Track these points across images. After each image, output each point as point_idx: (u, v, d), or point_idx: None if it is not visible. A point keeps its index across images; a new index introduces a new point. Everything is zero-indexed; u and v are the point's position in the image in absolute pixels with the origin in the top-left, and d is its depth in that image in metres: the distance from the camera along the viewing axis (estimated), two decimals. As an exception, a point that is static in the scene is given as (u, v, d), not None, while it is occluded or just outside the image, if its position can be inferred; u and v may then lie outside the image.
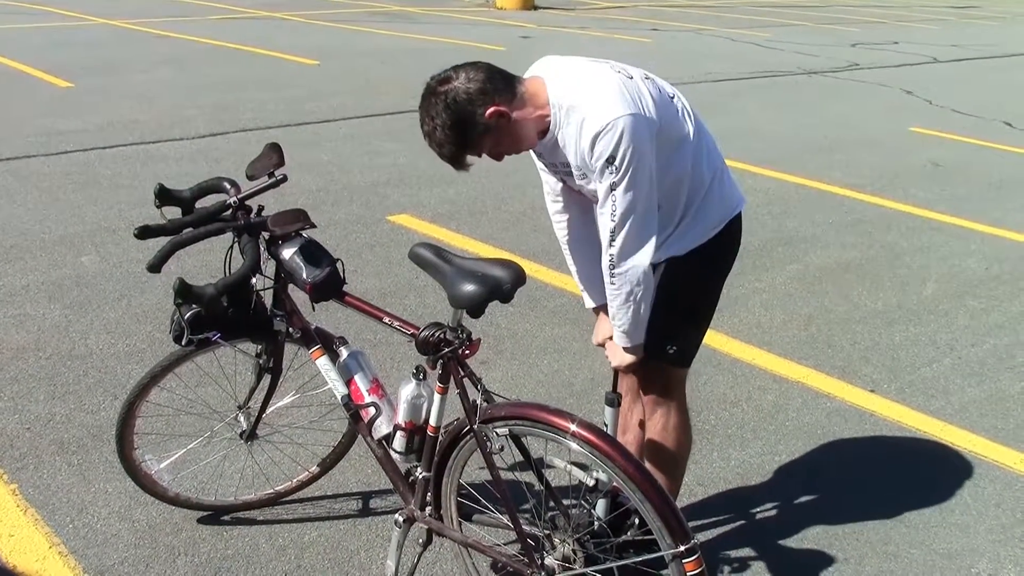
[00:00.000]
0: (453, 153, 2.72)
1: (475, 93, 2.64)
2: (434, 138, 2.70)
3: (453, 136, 2.67)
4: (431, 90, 2.68)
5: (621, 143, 2.58)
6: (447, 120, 2.64)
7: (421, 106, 2.70)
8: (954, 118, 11.18)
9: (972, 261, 6.44)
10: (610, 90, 2.64)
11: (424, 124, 2.70)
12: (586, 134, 2.62)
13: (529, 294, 5.46)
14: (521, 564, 2.75)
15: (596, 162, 2.63)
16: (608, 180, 2.63)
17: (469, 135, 2.68)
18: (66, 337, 4.77)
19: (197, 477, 3.67)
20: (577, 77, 2.72)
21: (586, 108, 2.63)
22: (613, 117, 2.58)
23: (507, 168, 8.09)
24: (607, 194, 2.66)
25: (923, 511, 3.71)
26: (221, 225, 2.87)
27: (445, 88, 2.65)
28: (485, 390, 2.68)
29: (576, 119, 2.65)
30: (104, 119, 9.29)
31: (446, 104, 2.63)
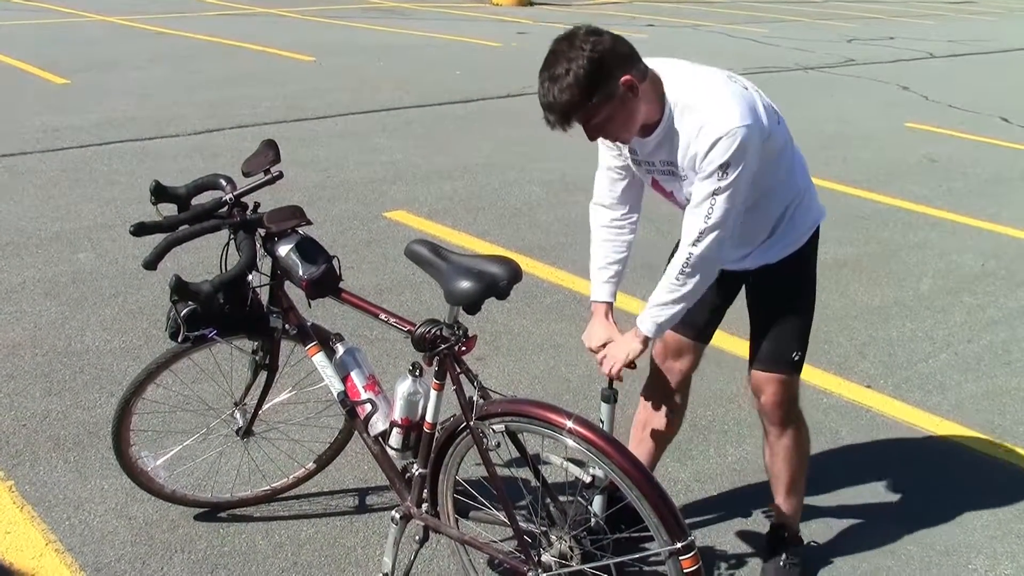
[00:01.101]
0: (571, 104, 2.54)
1: (621, 55, 2.55)
2: (560, 82, 2.51)
3: (584, 86, 2.50)
4: (577, 36, 2.53)
5: (736, 152, 2.58)
6: (585, 68, 2.48)
7: (557, 48, 2.54)
8: (950, 113, 11.18)
9: (968, 257, 6.44)
10: (730, 97, 2.64)
11: (555, 66, 2.51)
12: (705, 138, 2.60)
13: (525, 290, 5.46)
14: (518, 560, 2.75)
15: (708, 166, 2.62)
16: (713, 185, 2.63)
17: (597, 93, 2.52)
18: (62, 334, 4.76)
19: (193, 474, 3.67)
20: (695, 79, 2.71)
21: (707, 112, 2.62)
22: (734, 125, 2.57)
23: (503, 164, 8.13)
24: (708, 197, 2.65)
25: (920, 507, 3.72)
26: (217, 222, 2.87)
27: (594, 39, 2.51)
28: (481, 386, 2.68)
29: (694, 120, 2.63)
30: (100, 116, 9.28)
31: (591, 53, 2.49)
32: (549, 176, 7.86)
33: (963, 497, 3.79)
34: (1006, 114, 11.18)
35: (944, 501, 3.76)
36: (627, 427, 3.51)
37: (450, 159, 8.28)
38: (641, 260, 6.04)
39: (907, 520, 3.63)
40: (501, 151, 8.64)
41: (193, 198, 2.98)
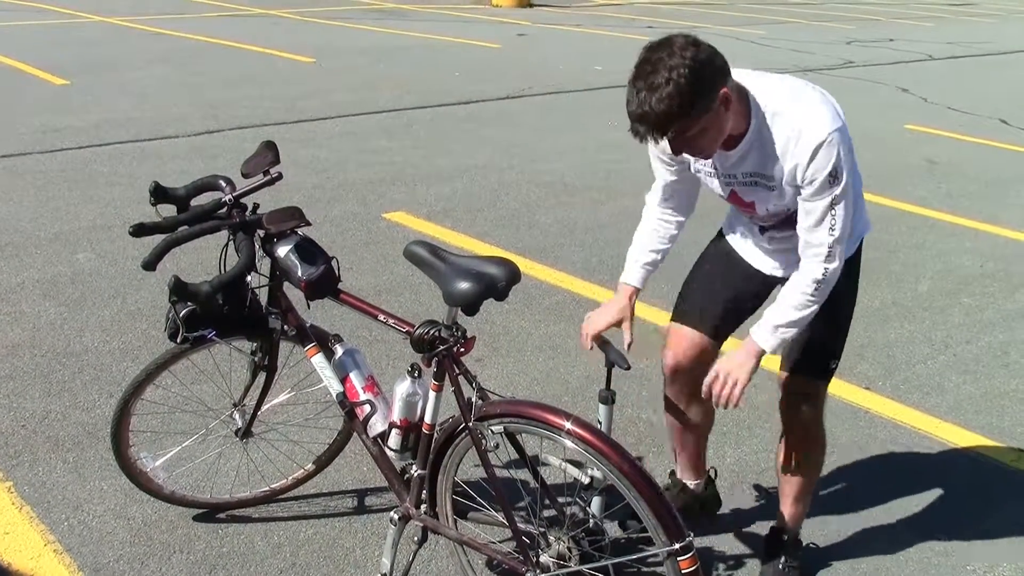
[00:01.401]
0: (670, 115, 2.44)
1: (719, 67, 2.48)
2: (659, 92, 2.41)
3: (685, 97, 2.41)
4: (675, 44, 2.43)
5: (842, 156, 2.57)
6: (687, 78, 2.38)
7: (652, 57, 2.44)
8: (949, 115, 11.19)
9: (967, 258, 6.45)
10: (819, 102, 2.62)
11: (654, 75, 2.41)
12: (804, 146, 2.57)
13: (524, 292, 5.47)
14: (516, 561, 2.75)
15: (816, 175, 2.58)
16: (830, 196, 2.61)
17: (697, 104, 2.43)
18: (61, 334, 4.77)
19: (192, 474, 3.67)
20: (780, 87, 2.67)
21: (799, 119, 2.58)
22: (832, 129, 2.56)
23: (503, 165, 8.13)
24: (827, 209, 2.63)
25: (919, 508, 3.72)
26: (216, 223, 2.87)
27: (693, 49, 2.42)
28: (480, 388, 2.68)
29: (785, 128, 2.60)
30: (100, 116, 9.28)
31: (692, 63, 2.39)
32: (548, 178, 7.86)
33: (962, 499, 3.79)
34: (1005, 116, 11.18)
35: (943, 502, 3.76)
36: (626, 428, 3.52)
37: (449, 160, 8.28)
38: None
39: (905, 521, 3.63)
40: (500, 152, 8.64)
41: (192, 199, 2.99)
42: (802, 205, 2.68)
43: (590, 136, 9.40)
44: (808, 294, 2.74)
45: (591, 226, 6.73)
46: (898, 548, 3.46)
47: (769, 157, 2.66)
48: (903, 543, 3.49)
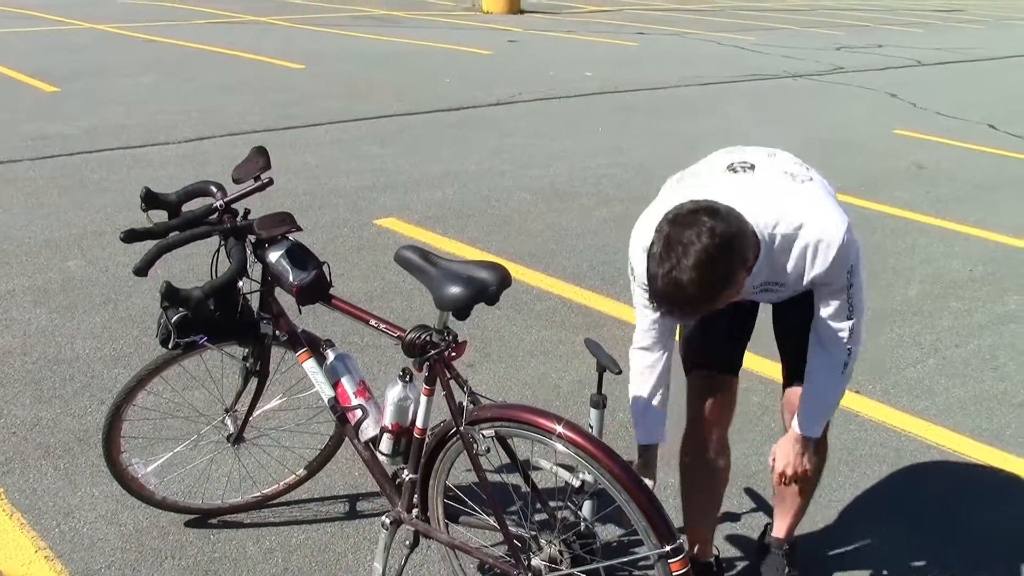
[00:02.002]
0: (698, 302, 2.34)
1: (745, 239, 2.39)
2: (687, 275, 2.27)
3: (717, 284, 2.33)
4: (701, 223, 2.29)
5: (852, 252, 2.60)
6: (717, 267, 2.30)
7: (679, 238, 2.29)
8: (938, 120, 11.23)
9: (956, 263, 6.47)
10: (821, 205, 2.60)
11: (682, 258, 2.27)
12: (822, 257, 2.55)
13: (515, 297, 5.48)
14: (508, 565, 2.76)
15: (836, 278, 2.60)
16: (846, 289, 2.64)
17: (727, 286, 2.36)
18: (52, 341, 4.76)
19: (184, 480, 3.67)
20: (779, 202, 2.58)
21: (813, 232, 2.54)
22: (841, 232, 2.55)
23: (493, 171, 8.14)
24: (845, 302, 2.66)
25: (907, 511, 3.74)
26: (207, 228, 2.88)
27: (721, 228, 2.29)
28: (471, 392, 2.69)
29: (800, 243, 2.56)
30: (90, 123, 9.28)
31: (722, 246, 2.29)
32: (539, 183, 7.88)
33: (951, 501, 3.81)
34: (993, 121, 11.23)
35: (932, 505, 3.78)
36: (617, 432, 3.53)
37: (440, 166, 8.29)
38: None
39: (896, 523, 3.65)
40: (491, 158, 8.66)
41: (183, 205, 2.99)
42: (820, 297, 2.70)
43: (581, 142, 9.42)
44: (839, 374, 2.80)
45: (582, 232, 6.75)
46: (889, 549, 3.47)
47: (780, 268, 2.64)
48: (894, 544, 3.51)
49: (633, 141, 9.56)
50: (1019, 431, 4.34)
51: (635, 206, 3.13)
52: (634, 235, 2.72)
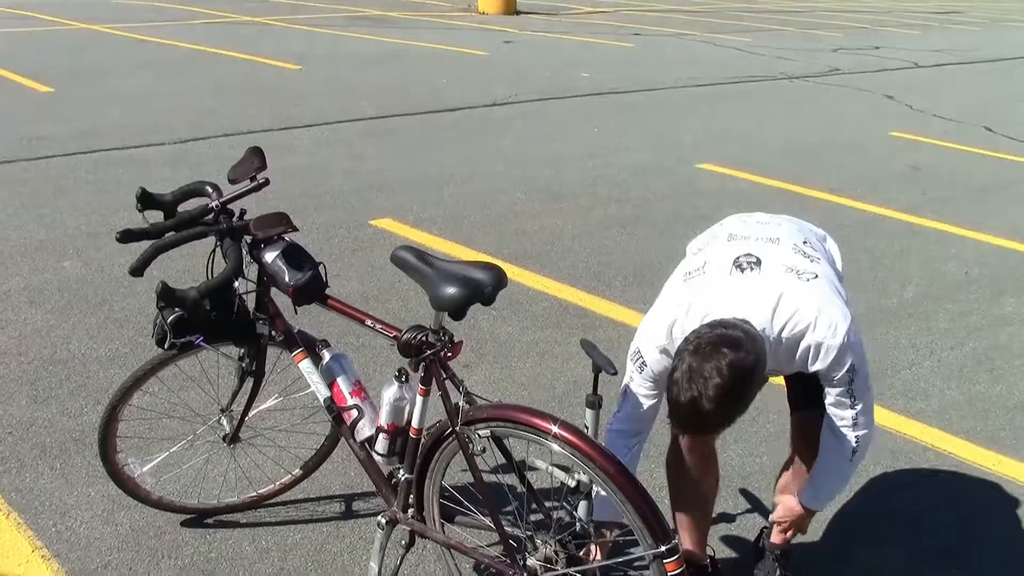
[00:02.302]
0: (716, 427, 2.56)
1: (762, 366, 2.49)
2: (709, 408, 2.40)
3: (734, 411, 2.49)
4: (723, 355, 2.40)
5: (854, 351, 2.65)
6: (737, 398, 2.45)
7: (703, 369, 2.40)
8: (934, 123, 11.25)
9: (951, 265, 6.48)
10: (825, 304, 2.65)
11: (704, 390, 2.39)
12: (825, 355, 2.64)
13: (511, 297, 5.48)
14: (503, 565, 2.76)
15: (836, 374, 2.68)
16: (848, 384, 2.70)
17: (742, 411, 2.52)
18: (48, 342, 4.76)
19: (180, 480, 3.67)
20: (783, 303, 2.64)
21: (814, 334, 2.62)
22: (842, 332, 2.61)
23: (489, 173, 8.14)
24: (848, 396, 2.72)
25: (902, 512, 3.74)
26: (203, 229, 2.88)
27: (740, 359, 2.41)
28: (467, 392, 2.69)
29: (804, 344, 2.64)
30: (85, 124, 9.27)
31: (742, 382, 2.43)
32: (535, 184, 7.88)
33: (946, 502, 3.82)
34: (990, 124, 11.25)
35: (927, 506, 3.79)
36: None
37: (436, 167, 8.30)
38: (647, 266, 6.10)
39: (891, 523, 3.65)
40: (487, 159, 8.66)
41: (179, 205, 2.99)
42: (823, 384, 2.76)
43: (577, 143, 9.42)
44: (848, 459, 2.85)
45: (578, 232, 6.75)
46: (882, 551, 3.48)
47: (783, 362, 2.72)
48: (889, 543, 3.51)
49: (629, 142, 9.57)
50: (1014, 433, 4.35)
51: (631, 207, 3.15)
52: (645, 330, 2.80)
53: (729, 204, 7.51)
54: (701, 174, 8.49)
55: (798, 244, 2.84)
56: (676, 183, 8.14)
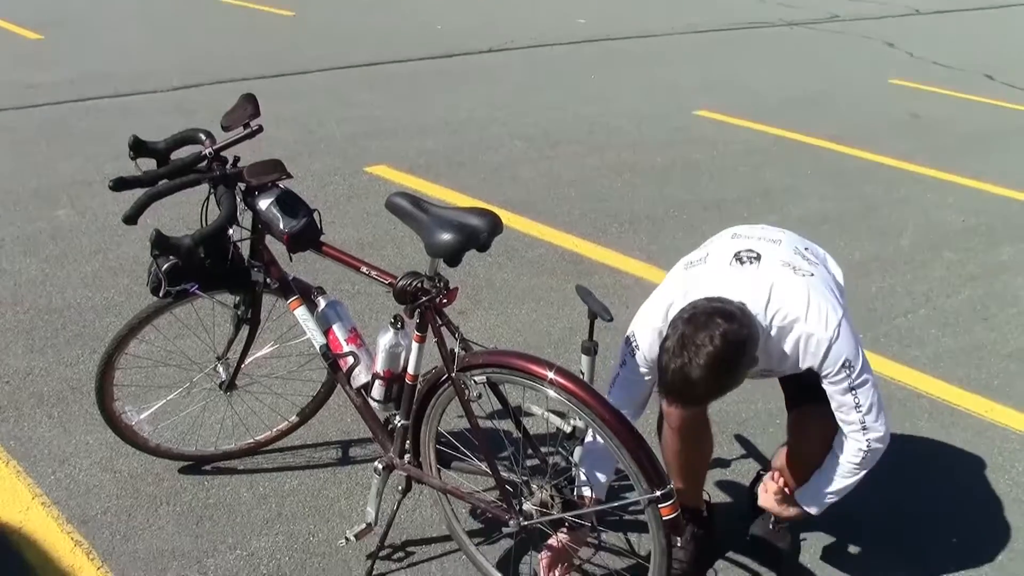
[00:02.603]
0: (705, 398, 2.56)
1: (755, 342, 2.51)
2: (699, 376, 2.42)
3: (724, 382, 2.49)
4: (715, 325, 2.42)
5: (848, 346, 2.63)
6: (727, 368, 2.45)
7: (695, 339, 2.42)
8: (935, 70, 11.17)
9: (949, 213, 6.47)
10: (817, 298, 2.65)
11: (693, 358, 2.41)
12: (816, 349, 2.63)
13: (507, 244, 5.47)
14: (499, 510, 2.78)
15: (831, 370, 2.65)
16: (848, 383, 2.67)
17: (733, 384, 2.52)
18: (43, 291, 4.75)
19: (177, 428, 3.68)
20: (779, 294, 2.66)
21: (805, 325, 2.63)
22: (834, 326, 2.62)
23: (485, 118, 8.11)
24: (848, 393, 2.69)
25: (895, 460, 3.75)
26: (197, 176, 2.86)
27: (734, 329, 2.43)
28: (463, 338, 2.69)
29: (794, 335, 2.64)
30: (76, 72, 9.20)
31: (734, 352, 2.44)
32: (531, 131, 7.85)
33: (938, 450, 3.84)
34: (990, 71, 11.17)
35: (919, 454, 3.81)
36: (608, 378, 3.52)
37: (432, 114, 8.25)
38: (643, 213, 6.10)
39: (884, 472, 3.66)
40: (483, 106, 8.61)
41: (172, 153, 2.98)
42: (827, 388, 2.73)
43: (573, 90, 9.37)
44: (855, 464, 2.82)
45: (574, 179, 6.73)
46: (876, 498, 3.50)
47: (776, 358, 2.71)
48: (881, 493, 3.53)
49: (626, 89, 9.51)
50: (1007, 381, 4.36)
51: (628, 154, 3.13)
52: (642, 314, 2.79)
53: (726, 152, 7.49)
54: (699, 121, 8.45)
55: (799, 248, 2.85)
56: (673, 130, 8.10)
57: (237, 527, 3.23)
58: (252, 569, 3.05)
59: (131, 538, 3.15)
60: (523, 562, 3.08)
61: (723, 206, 6.34)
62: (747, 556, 3.21)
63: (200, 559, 3.08)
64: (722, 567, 3.17)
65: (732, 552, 3.21)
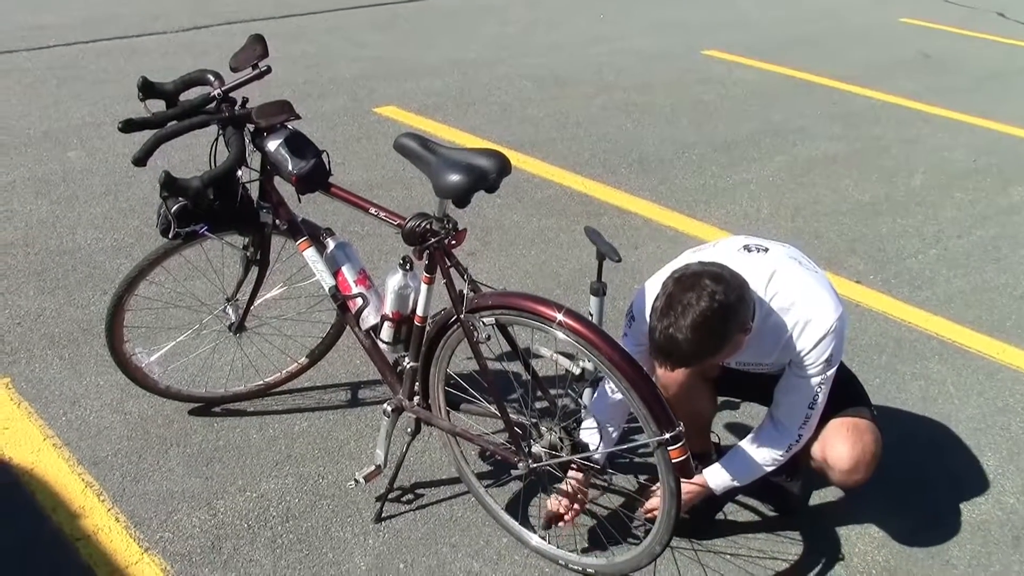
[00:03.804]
0: (697, 355, 2.46)
1: (745, 304, 2.50)
2: (688, 334, 2.40)
3: (715, 340, 2.45)
4: (706, 287, 2.41)
5: (837, 344, 2.65)
6: (716, 324, 2.41)
7: (682, 298, 2.42)
8: (946, 9, 11.05)
9: (960, 153, 6.43)
10: (819, 288, 2.67)
11: (683, 317, 2.40)
12: (809, 335, 2.64)
13: (516, 185, 5.45)
14: (508, 452, 2.79)
15: (812, 360, 2.66)
16: (819, 379, 2.68)
17: (724, 345, 2.48)
18: (54, 232, 4.76)
19: (187, 369, 3.70)
20: (779, 276, 2.67)
21: (804, 310, 2.64)
22: (834, 319, 2.63)
23: (493, 59, 8.05)
24: (814, 388, 2.70)
25: (906, 401, 3.77)
26: (205, 117, 2.85)
27: (723, 287, 2.42)
28: (471, 280, 2.69)
29: (790, 320, 2.64)
30: (85, 13, 9.13)
31: (721, 309, 2.41)
32: (540, 72, 7.79)
33: (949, 391, 3.84)
34: (1003, 9, 11.05)
35: (930, 395, 3.81)
36: (617, 320, 3.53)
37: (440, 55, 8.19)
38: (652, 154, 6.07)
39: (893, 413, 3.68)
40: (491, 46, 8.55)
41: (181, 94, 2.96)
42: (790, 379, 2.73)
43: (581, 30, 9.29)
44: (778, 455, 2.80)
45: (582, 120, 6.69)
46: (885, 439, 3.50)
47: (765, 348, 2.70)
48: (889, 435, 3.53)
49: (635, 28, 9.43)
50: (1019, 322, 4.36)
51: (636, 94, 3.11)
52: (642, 289, 2.78)
53: (735, 92, 7.44)
54: (707, 61, 8.38)
55: (806, 256, 2.84)
56: (682, 70, 8.03)
57: (247, 469, 3.25)
58: (262, 511, 3.07)
59: (141, 480, 3.18)
60: (532, 504, 3.11)
61: (732, 147, 6.31)
62: (756, 500, 3.23)
63: (210, 501, 3.11)
64: (731, 510, 3.19)
65: (742, 496, 3.23)
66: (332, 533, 2.99)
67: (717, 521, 3.14)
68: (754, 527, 3.13)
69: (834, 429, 2.85)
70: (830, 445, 2.83)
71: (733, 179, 5.78)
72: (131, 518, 3.01)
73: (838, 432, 2.84)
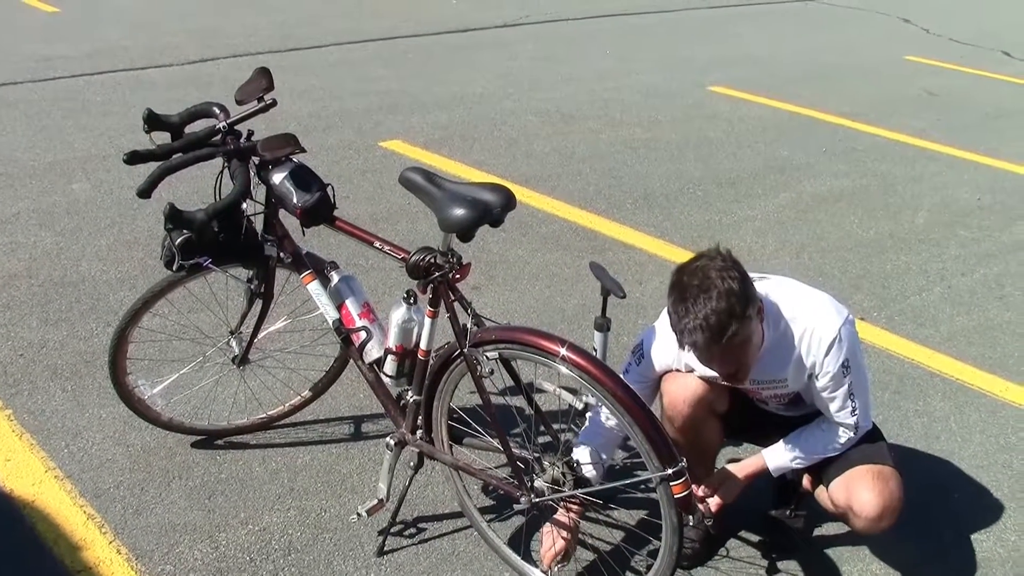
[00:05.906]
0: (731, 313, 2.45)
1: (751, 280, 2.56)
2: (711, 292, 2.45)
3: (740, 296, 2.47)
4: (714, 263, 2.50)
5: (849, 347, 2.68)
6: (737, 281, 2.48)
7: (693, 281, 2.49)
8: (951, 47, 11.09)
9: (964, 191, 6.43)
10: (820, 298, 2.76)
11: (704, 286, 2.46)
12: (819, 345, 2.68)
13: (521, 220, 5.46)
14: (511, 486, 2.78)
15: (829, 369, 2.69)
16: (845, 385, 2.72)
17: (749, 307, 2.49)
18: (58, 264, 4.77)
19: (190, 402, 3.69)
20: (780, 290, 2.75)
21: (809, 319, 2.69)
22: (839, 324, 2.67)
23: (499, 94, 8.08)
24: (847, 395, 2.74)
25: (909, 438, 3.75)
26: (211, 150, 2.86)
27: (732, 264, 2.52)
28: (475, 314, 2.69)
29: (797, 330, 2.69)
30: (92, 45, 9.19)
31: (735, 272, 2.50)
32: (546, 106, 7.82)
33: (951, 428, 3.83)
34: (1007, 48, 11.09)
35: (932, 433, 3.80)
36: (620, 356, 3.52)
37: (446, 89, 8.23)
38: (658, 190, 6.08)
39: (895, 450, 3.66)
40: (497, 81, 8.58)
41: (187, 126, 2.97)
42: (823, 397, 2.77)
43: (588, 65, 9.33)
44: (836, 444, 2.85)
45: (588, 155, 6.71)
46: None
47: (781, 361, 2.73)
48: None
49: (641, 65, 9.47)
50: (1022, 359, 4.34)
51: (642, 130, 3.11)
52: (654, 329, 2.89)
53: (741, 128, 7.46)
54: (713, 97, 8.41)
55: None
56: (688, 106, 8.06)
57: (249, 502, 3.24)
58: (264, 544, 3.06)
59: (143, 512, 3.17)
60: (534, 539, 3.09)
61: (737, 183, 6.32)
62: (760, 536, 3.21)
63: (212, 534, 3.09)
64: (733, 545, 3.18)
65: (744, 531, 3.21)
66: (334, 567, 2.98)
67: (718, 556, 3.12)
68: (755, 562, 3.11)
69: (859, 476, 2.83)
70: (855, 493, 2.81)
71: (738, 215, 5.79)
72: (133, 551, 3.00)
73: (863, 479, 2.82)
